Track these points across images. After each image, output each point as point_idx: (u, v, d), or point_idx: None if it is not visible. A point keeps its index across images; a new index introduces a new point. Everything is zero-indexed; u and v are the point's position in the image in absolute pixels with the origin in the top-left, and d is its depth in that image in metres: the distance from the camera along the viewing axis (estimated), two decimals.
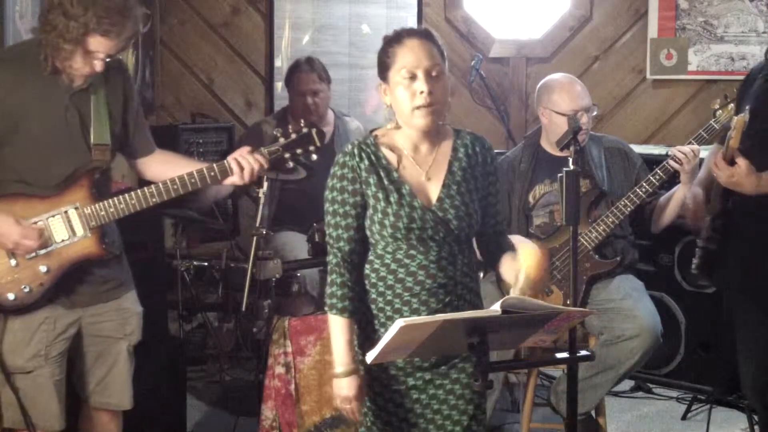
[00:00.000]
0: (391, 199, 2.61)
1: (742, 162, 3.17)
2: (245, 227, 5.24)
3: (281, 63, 5.66)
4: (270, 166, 3.13)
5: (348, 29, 5.72)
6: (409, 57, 2.57)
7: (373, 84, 5.71)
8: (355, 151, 2.64)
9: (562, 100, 3.93)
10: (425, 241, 2.61)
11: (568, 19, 5.59)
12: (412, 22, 5.63)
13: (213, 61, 5.75)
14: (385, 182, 2.62)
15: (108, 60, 2.94)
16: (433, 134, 2.67)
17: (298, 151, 3.11)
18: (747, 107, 3.22)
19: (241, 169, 3.06)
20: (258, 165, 3.08)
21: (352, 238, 2.64)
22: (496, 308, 2.24)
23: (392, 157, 2.66)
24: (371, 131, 2.74)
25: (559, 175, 2.54)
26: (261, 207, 3.74)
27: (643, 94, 5.53)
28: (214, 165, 3.07)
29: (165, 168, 3.19)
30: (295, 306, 4.04)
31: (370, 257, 2.67)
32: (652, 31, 5.38)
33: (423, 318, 2.31)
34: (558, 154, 3.80)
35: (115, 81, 3.11)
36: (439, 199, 2.64)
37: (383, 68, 2.64)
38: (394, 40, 2.63)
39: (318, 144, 3.11)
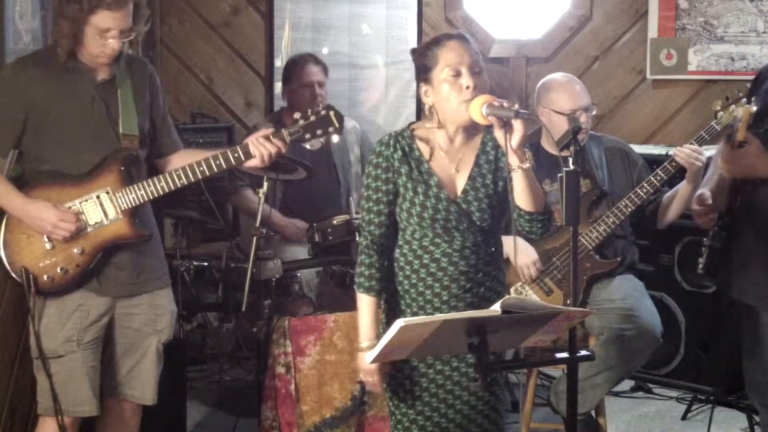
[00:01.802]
0: (419, 190, 2.78)
1: (753, 141, 3.09)
2: (245, 227, 5.23)
3: (281, 63, 5.65)
4: (288, 148, 3.21)
5: (348, 29, 5.71)
6: (452, 55, 2.74)
7: (372, 84, 5.72)
8: (391, 141, 2.82)
9: (561, 99, 3.93)
10: (449, 230, 2.77)
11: (568, 19, 5.58)
12: (412, 22, 5.64)
13: (213, 61, 5.75)
14: (415, 173, 2.79)
15: (124, 39, 3.03)
16: (468, 129, 2.81)
17: (318, 131, 3.18)
18: (753, 98, 3.20)
19: (260, 152, 3.15)
20: (275, 149, 3.16)
21: (383, 223, 2.82)
22: (496, 308, 2.25)
23: (425, 150, 2.82)
24: (409, 125, 2.89)
25: (559, 175, 2.54)
26: (261, 207, 3.75)
27: (643, 94, 5.52)
28: (238, 147, 3.17)
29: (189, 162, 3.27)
30: (295, 306, 4.04)
31: (400, 242, 2.84)
32: (652, 31, 5.38)
33: (423, 318, 2.33)
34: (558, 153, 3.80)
35: (141, 78, 3.22)
36: (464, 191, 2.80)
37: (425, 70, 2.78)
38: (432, 44, 2.79)
39: (337, 125, 3.18)
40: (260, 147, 3.14)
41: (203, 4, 5.72)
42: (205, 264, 4.44)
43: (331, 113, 3.17)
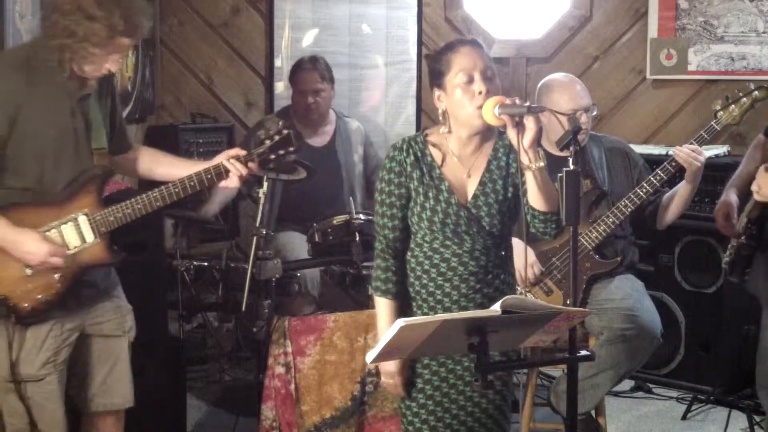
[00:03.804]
0: (430, 195, 2.81)
1: None
2: (245, 227, 5.24)
3: (281, 63, 5.66)
4: (258, 167, 3.17)
5: (348, 29, 5.72)
6: (465, 61, 2.75)
7: (372, 84, 5.72)
8: (404, 146, 2.85)
9: (562, 99, 3.93)
10: (459, 234, 2.80)
11: (568, 19, 5.59)
12: (412, 22, 5.65)
13: (213, 61, 5.75)
14: (426, 178, 2.82)
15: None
16: (481, 135, 2.82)
17: (281, 152, 3.14)
18: None
19: (234, 172, 3.10)
20: (247, 171, 3.11)
21: (396, 226, 2.85)
22: (496, 308, 2.24)
23: (437, 155, 2.84)
24: (423, 130, 2.91)
25: (559, 175, 2.54)
26: (261, 207, 3.74)
27: (643, 94, 5.52)
28: (211, 168, 3.09)
29: (143, 166, 3.25)
30: (295, 306, 4.04)
31: (411, 245, 2.87)
32: (652, 31, 5.38)
33: (423, 318, 2.32)
34: (558, 153, 3.80)
35: (102, 83, 3.09)
36: (474, 197, 2.82)
37: (438, 76, 2.80)
38: (446, 49, 2.81)
39: (294, 146, 3.15)
40: (236, 165, 3.09)
41: (203, 4, 5.72)
42: (205, 264, 4.44)
43: (291, 133, 3.15)
